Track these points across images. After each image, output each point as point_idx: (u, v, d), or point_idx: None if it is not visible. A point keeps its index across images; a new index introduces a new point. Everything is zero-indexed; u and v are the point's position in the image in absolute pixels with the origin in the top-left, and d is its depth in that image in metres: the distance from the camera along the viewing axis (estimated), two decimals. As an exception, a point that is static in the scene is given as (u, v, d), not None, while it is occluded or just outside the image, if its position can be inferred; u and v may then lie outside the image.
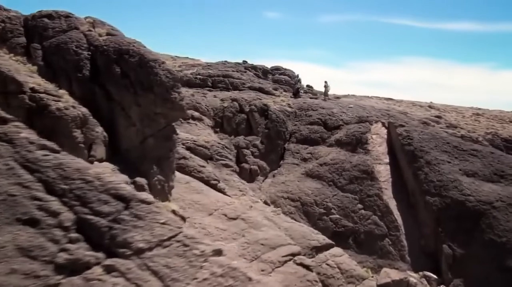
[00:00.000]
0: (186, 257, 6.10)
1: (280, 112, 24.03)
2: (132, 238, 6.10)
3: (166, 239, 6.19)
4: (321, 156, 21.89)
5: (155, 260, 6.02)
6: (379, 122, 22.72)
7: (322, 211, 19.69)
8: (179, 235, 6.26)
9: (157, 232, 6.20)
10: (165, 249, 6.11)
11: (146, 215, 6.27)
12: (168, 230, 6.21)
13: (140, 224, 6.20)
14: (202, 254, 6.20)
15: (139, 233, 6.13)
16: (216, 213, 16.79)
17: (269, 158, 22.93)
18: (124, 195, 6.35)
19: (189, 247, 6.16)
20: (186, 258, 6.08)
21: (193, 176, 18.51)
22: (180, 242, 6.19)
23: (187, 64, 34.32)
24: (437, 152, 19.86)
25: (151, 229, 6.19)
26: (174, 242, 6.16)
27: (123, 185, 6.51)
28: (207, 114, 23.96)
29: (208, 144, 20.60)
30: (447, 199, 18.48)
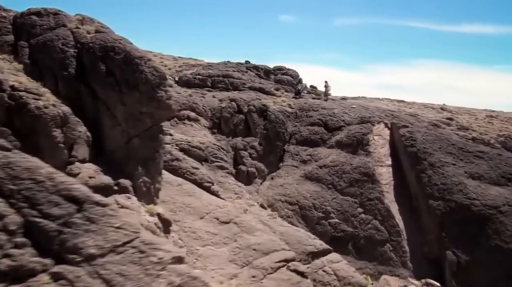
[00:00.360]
0: (142, 265, 5.65)
1: (279, 112, 23.53)
2: (83, 243, 5.68)
3: (121, 245, 5.76)
4: (321, 158, 21.33)
5: (108, 267, 5.58)
6: (381, 123, 22.07)
7: (320, 215, 19.12)
8: (135, 241, 5.82)
9: (110, 237, 5.77)
10: (119, 256, 5.68)
11: (100, 218, 5.85)
12: (123, 235, 5.77)
13: (93, 228, 5.77)
14: (160, 262, 5.75)
15: (91, 238, 5.71)
16: (208, 217, 16.36)
17: (268, 160, 22.44)
18: (77, 196, 5.93)
19: (146, 253, 5.71)
20: (141, 266, 5.64)
21: (186, 178, 18.11)
22: (136, 248, 5.75)
23: (188, 64, 34.03)
24: (442, 154, 19.17)
25: (105, 233, 5.76)
26: (129, 248, 5.72)
27: (77, 186, 6.09)
28: (204, 114, 23.55)
29: (203, 145, 20.18)
30: (451, 203, 17.78)
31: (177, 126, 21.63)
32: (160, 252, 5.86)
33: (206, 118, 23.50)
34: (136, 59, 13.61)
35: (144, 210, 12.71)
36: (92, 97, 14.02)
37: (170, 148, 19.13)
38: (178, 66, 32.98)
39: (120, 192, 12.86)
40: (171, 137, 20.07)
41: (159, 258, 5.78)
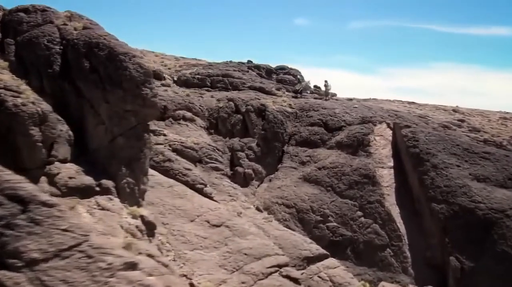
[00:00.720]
0: (89, 271, 5.22)
1: (278, 112, 23.04)
2: (26, 246, 5.28)
3: (66, 249, 5.34)
4: (320, 159, 20.78)
5: (51, 273, 5.16)
6: (383, 123, 21.45)
7: (318, 219, 18.56)
8: (83, 245, 5.39)
9: (56, 240, 5.35)
10: (63, 261, 5.26)
11: (45, 220, 5.44)
12: (70, 238, 5.35)
13: (37, 230, 5.37)
14: (109, 268, 5.32)
15: (34, 241, 5.31)
16: (198, 220, 15.93)
17: (266, 161, 21.95)
18: (22, 196, 5.53)
19: (94, 258, 5.28)
20: (88, 272, 5.21)
21: (178, 179, 17.73)
22: (83, 252, 5.32)
23: (188, 64, 33.74)
24: (445, 155, 18.49)
25: (49, 236, 5.35)
26: (76, 252, 5.29)
27: (23, 185, 5.69)
28: (201, 114, 23.17)
29: (197, 146, 19.79)
30: (455, 207, 17.10)
31: (172, 126, 21.27)
32: (109, 257, 5.43)
33: (203, 118, 23.12)
34: (120, 55, 13.27)
35: (126, 212, 12.29)
36: (76, 95, 13.73)
37: (163, 148, 18.79)
38: (179, 66, 32.68)
39: (102, 193, 12.49)
40: (165, 137, 19.72)
41: (108, 264, 5.35)
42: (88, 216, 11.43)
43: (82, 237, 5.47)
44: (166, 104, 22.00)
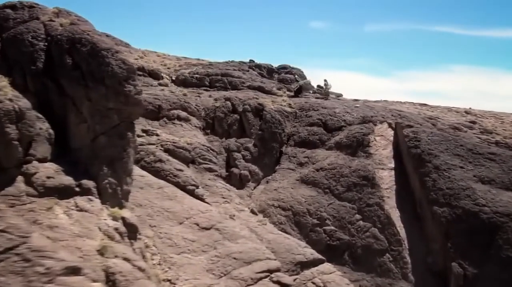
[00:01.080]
0: (25, 276, 4.84)
1: (276, 112, 22.59)
2: (-43, 249, 4.87)
3: (2, 252, 4.93)
4: (318, 160, 20.29)
5: (-17, 278, 4.75)
6: (384, 122, 20.85)
7: (315, 222, 18.05)
8: (20, 247, 5.01)
9: (-10, 242, 4.95)
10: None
11: (-19, 220, 5.04)
12: (6, 240, 4.98)
13: (-29, 231, 4.96)
14: (47, 272, 4.92)
15: (-33, 243, 4.90)
16: (188, 222, 15.55)
17: (263, 163, 21.51)
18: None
19: (31, 262, 4.91)
20: (25, 277, 4.83)
21: (168, 180, 17.39)
22: (20, 255, 4.94)
23: (189, 63, 33.47)
24: (448, 155, 17.85)
25: (-16, 237, 4.94)
26: (12, 255, 4.92)
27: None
28: (197, 114, 22.83)
29: (190, 146, 19.43)
30: (458, 210, 16.46)
31: (166, 126, 20.97)
32: (49, 261, 5.05)
33: (198, 118, 22.77)
34: (102, 51, 12.97)
35: (106, 214, 11.94)
36: (59, 92, 13.46)
37: (155, 149, 18.46)
38: (179, 66, 32.42)
39: (82, 193, 12.17)
40: (157, 137, 19.40)
41: (46, 268, 4.97)
42: (65, 217, 11.10)
43: (20, 239, 5.10)
44: (161, 104, 21.72)
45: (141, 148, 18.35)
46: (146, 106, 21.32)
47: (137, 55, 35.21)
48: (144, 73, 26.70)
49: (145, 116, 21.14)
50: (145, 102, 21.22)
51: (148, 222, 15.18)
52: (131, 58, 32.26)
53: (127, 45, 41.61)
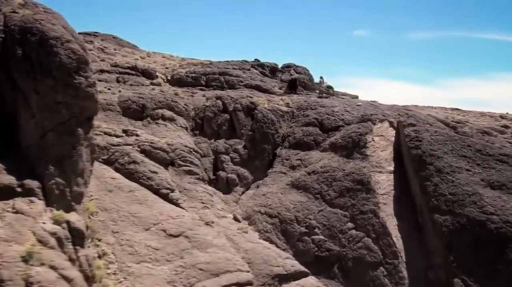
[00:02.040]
0: None
1: (269, 111, 21.56)
2: None
3: None
4: (311, 163, 19.11)
5: None
6: (385, 121, 19.45)
7: (303, 230, 16.86)
8: None
9: None
10: None
11: None
12: None
13: None
14: None
15: None
16: (154, 228, 14.72)
17: (253, 166, 20.50)
18: None
19: None
20: None
21: (141, 183, 16.67)
22: None
23: (191, 63, 32.93)
24: (453, 157, 16.31)
25: None
26: None
27: None
28: (185, 114, 22.08)
29: (170, 147, 18.67)
30: (462, 219, 14.93)
31: (149, 126, 20.31)
32: None
33: (187, 118, 22.03)
34: (51, 40, 12.42)
35: (48, 217, 11.23)
36: (11, 86, 12.98)
37: (131, 149, 17.76)
38: (179, 66, 31.92)
39: (24, 194, 11.59)
40: (137, 137, 18.71)
41: None
42: (-4, 219, 10.46)
43: None
44: (145, 103, 21.09)
45: (116, 149, 17.74)
46: (129, 105, 20.77)
47: (140, 55, 34.96)
48: (137, 72, 26.28)
49: (129, 115, 20.63)
50: (129, 101, 20.69)
51: (111, 228, 14.43)
52: (132, 58, 31.99)
53: (134, 47, 41.63)
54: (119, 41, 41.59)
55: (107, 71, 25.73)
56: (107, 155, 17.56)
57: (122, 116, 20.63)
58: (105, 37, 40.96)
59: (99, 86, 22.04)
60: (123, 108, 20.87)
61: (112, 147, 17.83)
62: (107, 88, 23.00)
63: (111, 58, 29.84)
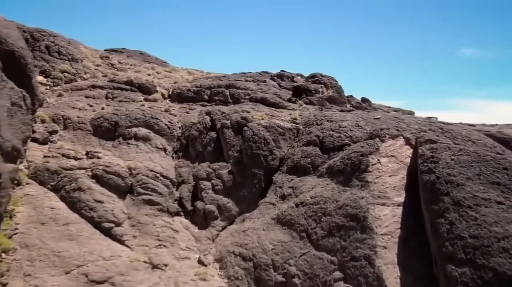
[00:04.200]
0: None
1: (263, 128, 19.20)
2: None
3: None
4: (303, 191, 16.38)
5: None
6: (399, 137, 16.21)
7: (279, 279, 14.18)
8: None
9: None
10: None
11: None
12: None
13: None
14: None
15: None
16: (76, 272, 13.02)
17: (239, 195, 18.22)
18: None
19: None
20: None
21: (82, 215, 15.10)
22: None
23: (205, 77, 31.65)
24: (480, 184, 12.78)
25: None
26: None
27: None
28: (167, 133, 20.48)
29: (131, 171, 17.00)
30: (487, 273, 11.38)
31: (119, 147, 18.94)
32: None
33: (169, 137, 20.44)
34: None
35: None
36: None
37: (81, 174, 16.36)
38: (193, 79, 30.74)
39: None
40: (96, 160, 17.33)
41: None
42: None
43: None
44: (118, 120, 19.80)
45: (67, 174, 16.49)
46: (101, 124, 19.62)
47: (156, 70, 34.44)
48: (133, 87, 25.35)
49: (100, 135, 19.52)
50: (101, 119, 19.56)
51: (24, 270, 12.92)
52: (145, 73, 31.36)
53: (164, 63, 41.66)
54: (146, 57, 41.85)
55: (100, 87, 25.12)
56: (56, 181, 16.34)
57: (92, 135, 19.55)
58: (132, 53, 41.45)
59: (83, 102, 21.25)
60: (94, 126, 19.79)
61: (64, 172, 16.60)
62: (89, 105, 22.19)
63: (117, 73, 29.40)
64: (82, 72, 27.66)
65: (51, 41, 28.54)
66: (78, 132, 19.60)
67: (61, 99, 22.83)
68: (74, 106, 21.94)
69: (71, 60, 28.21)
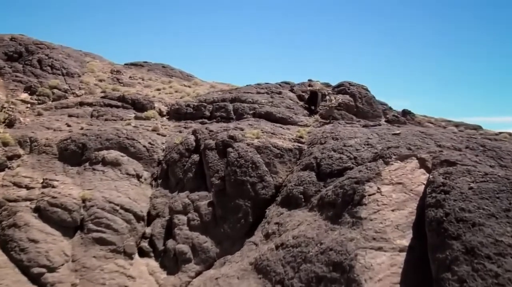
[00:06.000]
0: None
1: (253, 149, 17.14)
2: None
3: None
4: (287, 229, 14.09)
5: None
6: (411, 158, 13.48)
7: None
8: None
9: None
10: None
11: None
12: None
13: None
14: None
15: None
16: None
17: (220, 231, 16.24)
18: None
19: None
20: None
21: (11, 257, 13.72)
22: None
23: (217, 90, 30.14)
24: (506, 225, 9.90)
25: None
26: None
27: None
28: (145, 156, 18.99)
29: (85, 203, 15.54)
30: None
31: (83, 174, 17.69)
32: None
33: (148, 161, 18.98)
34: None
35: None
36: None
37: (24, 207, 15.21)
38: (206, 93, 29.38)
39: None
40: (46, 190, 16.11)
41: None
42: None
43: None
44: (86, 142, 18.60)
45: (8, 206, 15.32)
46: (67, 146, 18.50)
47: (170, 85, 33.58)
48: (125, 104, 24.27)
49: (65, 159, 18.50)
50: (68, 141, 18.46)
51: None
52: (154, 88, 30.46)
53: (189, 76, 41.27)
54: (168, 70, 41.64)
55: (89, 104, 24.30)
56: (-4, 214, 15.21)
57: (57, 160, 18.43)
58: (154, 67, 41.43)
59: (63, 122, 20.35)
60: (60, 150, 18.74)
61: (6, 204, 15.55)
62: (67, 125, 21.29)
63: (118, 88, 28.64)
64: (76, 88, 27.12)
65: (46, 55, 28.37)
66: (42, 156, 18.59)
67: (39, 119, 22.15)
68: (50, 126, 21.10)
69: (66, 75, 27.82)
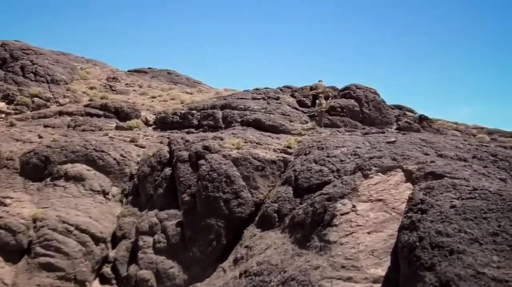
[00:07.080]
0: None
1: (229, 161, 16.04)
2: None
3: None
4: (254, 254, 12.92)
5: None
6: (395, 170, 12.09)
7: None
8: None
9: None
10: None
11: None
12: None
13: None
14: None
15: None
16: None
17: (188, 255, 15.18)
18: None
19: None
20: None
21: None
22: None
23: (216, 96, 29.27)
24: (492, 252, 8.46)
25: None
26: None
27: None
28: (115, 170, 18.18)
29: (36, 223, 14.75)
30: None
31: (42, 190, 16.97)
32: None
33: (118, 176, 18.17)
34: None
35: None
36: None
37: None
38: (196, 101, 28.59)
39: None
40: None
41: None
42: None
43: None
44: (49, 155, 17.88)
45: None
46: (29, 159, 17.83)
47: (169, 91, 33.08)
48: (107, 113, 23.61)
49: (27, 173, 17.85)
50: (30, 154, 17.81)
51: None
52: (149, 95, 29.90)
53: (196, 82, 40.97)
54: (173, 76, 41.38)
55: (69, 113, 23.74)
56: None
57: (18, 175, 17.78)
58: (158, 73, 41.26)
59: (35, 133, 19.77)
60: (22, 163, 18.06)
61: (-49, 224, 14.77)
62: (40, 136, 20.70)
63: (107, 96, 28.08)
64: (61, 96, 26.67)
65: (30, 61, 28.13)
66: (3, 171, 17.97)
67: (10, 130, 21.67)
68: (20, 138, 20.56)
69: (50, 82, 27.45)
